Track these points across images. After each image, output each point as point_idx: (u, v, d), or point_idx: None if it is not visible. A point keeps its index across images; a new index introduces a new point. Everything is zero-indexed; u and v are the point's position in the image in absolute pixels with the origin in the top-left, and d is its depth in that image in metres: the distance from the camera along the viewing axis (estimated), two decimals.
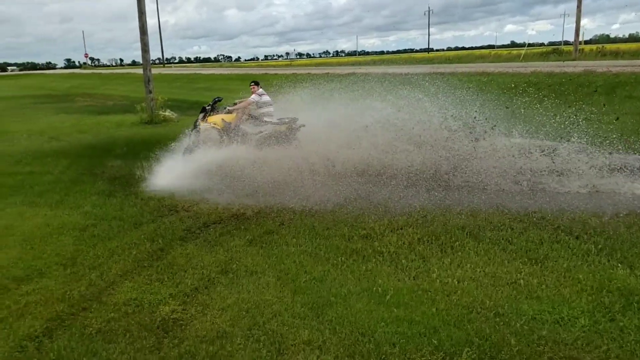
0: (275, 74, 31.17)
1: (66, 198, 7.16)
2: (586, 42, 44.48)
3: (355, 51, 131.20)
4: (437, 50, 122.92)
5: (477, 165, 7.29)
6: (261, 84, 9.35)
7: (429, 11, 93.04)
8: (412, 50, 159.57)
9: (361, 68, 33.78)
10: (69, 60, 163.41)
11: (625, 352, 3.19)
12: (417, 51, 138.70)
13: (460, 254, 4.72)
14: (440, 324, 3.55)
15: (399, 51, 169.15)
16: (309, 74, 27.76)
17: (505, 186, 6.84)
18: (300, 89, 11.26)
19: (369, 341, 3.39)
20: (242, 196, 6.82)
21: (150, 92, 16.83)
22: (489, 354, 3.21)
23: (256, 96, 9.01)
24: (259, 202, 6.55)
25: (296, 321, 3.67)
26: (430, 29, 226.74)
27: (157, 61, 73.78)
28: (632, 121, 10.83)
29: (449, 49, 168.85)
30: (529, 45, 46.22)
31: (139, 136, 13.17)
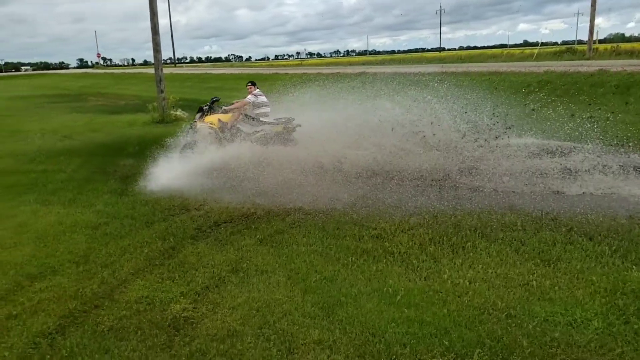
0: (286, 73, 31.17)
1: (79, 196, 7.23)
2: (600, 41, 44.08)
3: (366, 50, 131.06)
4: (449, 50, 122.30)
5: (491, 166, 7.23)
6: (260, 84, 9.37)
7: (440, 10, 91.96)
8: (423, 50, 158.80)
9: (372, 68, 33.66)
10: (81, 60, 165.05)
11: None
12: (428, 50, 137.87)
13: (472, 254, 4.69)
14: (451, 325, 3.53)
15: (410, 50, 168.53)
16: (319, 73, 27.79)
17: (518, 187, 6.78)
18: (310, 87, 11.26)
19: (379, 341, 3.37)
20: (250, 196, 6.84)
21: (161, 91, 16.96)
22: (500, 356, 3.19)
23: (252, 97, 9.08)
24: (268, 201, 6.56)
25: (306, 320, 3.67)
26: (442, 28, 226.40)
27: (168, 61, 74.69)
28: None
29: (460, 48, 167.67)
30: (542, 44, 45.80)
31: (151, 135, 13.24)
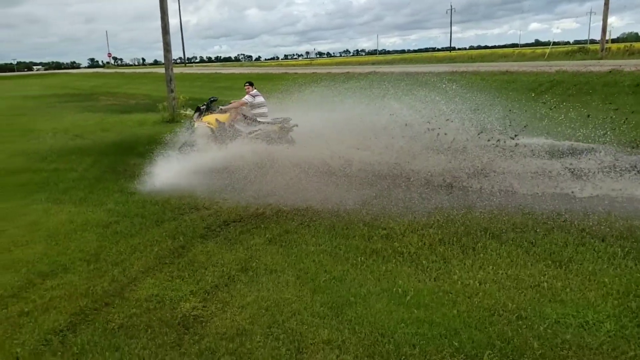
0: (295, 73, 31.20)
1: (90, 195, 7.29)
2: (613, 41, 43.55)
3: (376, 50, 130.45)
4: (459, 49, 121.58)
5: (504, 166, 7.18)
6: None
7: (451, 9, 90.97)
8: (433, 49, 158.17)
9: (382, 67, 33.61)
10: (92, 60, 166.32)
11: None
12: (439, 50, 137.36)
13: (482, 255, 4.65)
14: (461, 326, 3.51)
15: (420, 50, 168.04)
16: (329, 73, 27.79)
17: (530, 189, 6.71)
18: (319, 87, 11.25)
19: (388, 342, 3.36)
20: (254, 196, 6.85)
21: (172, 91, 17.04)
22: (510, 357, 3.16)
23: (249, 97, 9.12)
24: (277, 201, 6.56)
25: (315, 320, 3.67)
26: (453, 28, 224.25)
27: (178, 60, 74.87)
28: None
29: (471, 47, 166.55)
30: (554, 43, 45.36)
31: (161, 135, 13.30)
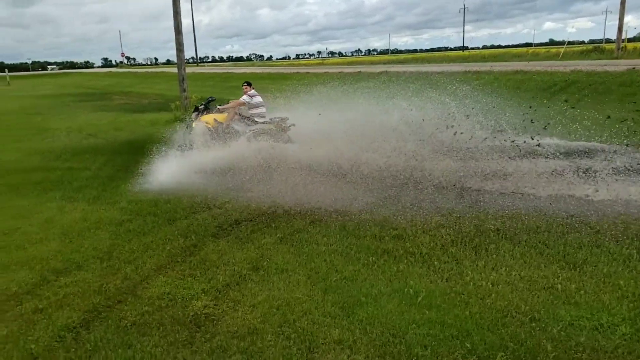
0: (307, 72, 31.21)
1: (103, 194, 7.36)
2: (629, 40, 42.84)
3: (388, 49, 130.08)
4: (472, 49, 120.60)
5: (519, 167, 7.12)
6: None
7: (464, 9, 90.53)
8: (446, 49, 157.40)
9: (394, 66, 33.48)
10: (106, 59, 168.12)
11: None
12: (451, 49, 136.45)
13: (494, 256, 4.61)
14: (473, 327, 3.48)
15: (432, 49, 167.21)
16: (340, 72, 27.77)
17: (544, 190, 6.63)
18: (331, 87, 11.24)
19: (400, 342, 3.35)
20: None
21: (184, 90, 17.16)
22: None
23: (247, 97, 9.17)
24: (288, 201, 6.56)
25: (327, 320, 3.66)
26: (466, 27, 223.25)
27: (191, 60, 75.40)
28: None
29: (484, 47, 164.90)
30: (569, 43, 44.80)
31: (173, 133, 13.37)
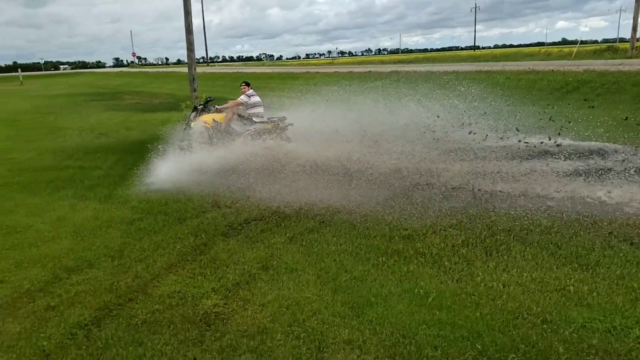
0: (317, 72, 31.20)
1: (114, 192, 7.42)
2: None
3: (398, 49, 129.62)
4: (483, 48, 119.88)
5: (531, 166, 7.06)
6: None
7: (475, 8, 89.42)
8: (457, 48, 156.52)
9: (405, 66, 33.35)
10: (117, 59, 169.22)
11: None
12: (462, 49, 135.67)
13: (506, 257, 4.58)
14: (484, 328, 3.46)
15: (443, 49, 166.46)
16: (350, 72, 27.72)
17: (557, 192, 6.56)
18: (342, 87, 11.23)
19: (410, 343, 3.33)
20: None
21: (194, 90, 17.24)
22: None
23: (245, 97, 9.23)
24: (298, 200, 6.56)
25: (336, 320, 3.66)
26: (477, 26, 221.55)
27: (201, 60, 75.81)
28: None
29: (496, 46, 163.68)
30: (582, 42, 44.33)
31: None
